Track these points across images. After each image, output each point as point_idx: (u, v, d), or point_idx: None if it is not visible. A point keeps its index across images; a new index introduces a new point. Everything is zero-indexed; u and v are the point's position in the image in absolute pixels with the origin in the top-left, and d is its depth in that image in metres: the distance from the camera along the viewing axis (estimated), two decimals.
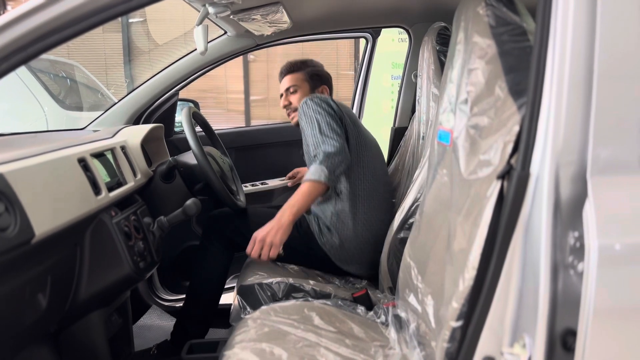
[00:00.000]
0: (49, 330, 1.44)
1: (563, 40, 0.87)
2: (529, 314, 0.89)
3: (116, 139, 1.78)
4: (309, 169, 1.75)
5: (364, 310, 1.58)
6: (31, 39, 0.94)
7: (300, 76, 2.20)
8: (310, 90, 2.19)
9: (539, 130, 0.88)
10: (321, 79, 2.23)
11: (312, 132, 1.82)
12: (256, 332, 1.36)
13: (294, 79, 2.20)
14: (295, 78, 2.20)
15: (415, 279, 1.37)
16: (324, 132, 1.80)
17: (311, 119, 1.85)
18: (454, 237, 1.09)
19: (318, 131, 1.81)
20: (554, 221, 0.86)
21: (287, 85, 2.20)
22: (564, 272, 0.86)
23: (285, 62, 2.27)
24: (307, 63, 2.25)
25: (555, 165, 0.86)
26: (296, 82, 2.19)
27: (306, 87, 2.19)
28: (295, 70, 2.21)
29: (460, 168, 1.10)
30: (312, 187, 1.70)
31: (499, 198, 0.95)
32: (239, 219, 2.02)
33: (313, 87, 2.20)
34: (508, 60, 1.06)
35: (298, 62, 2.25)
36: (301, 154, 2.20)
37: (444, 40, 1.83)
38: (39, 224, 1.11)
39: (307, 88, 2.19)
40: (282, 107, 2.23)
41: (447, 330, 1.03)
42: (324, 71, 2.28)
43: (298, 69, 2.22)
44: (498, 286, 0.92)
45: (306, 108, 1.89)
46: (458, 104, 1.14)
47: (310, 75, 2.20)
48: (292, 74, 2.21)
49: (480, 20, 1.10)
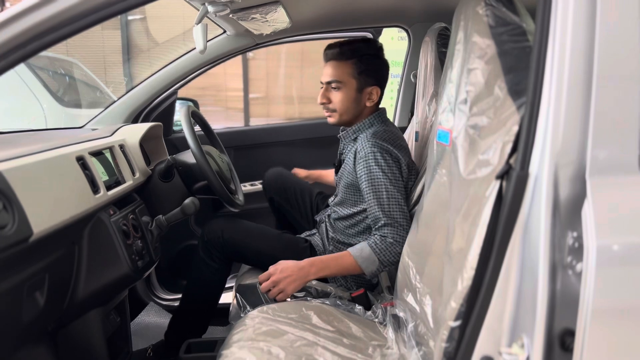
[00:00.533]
0: (47, 329, 1.43)
1: (562, 40, 0.87)
2: (527, 314, 0.88)
3: (115, 137, 1.78)
4: (369, 243, 1.63)
5: (362, 310, 1.58)
6: (29, 36, 0.94)
7: (348, 69, 1.77)
8: (357, 90, 1.79)
9: (538, 130, 0.88)
10: (375, 75, 1.81)
11: (375, 193, 1.66)
12: (254, 331, 1.35)
13: (339, 71, 1.78)
14: (342, 71, 1.78)
15: (414, 279, 1.37)
16: (391, 197, 1.65)
17: (377, 178, 1.67)
18: (453, 237, 1.09)
19: (384, 196, 1.65)
20: (553, 221, 0.86)
21: (329, 77, 1.80)
22: (563, 272, 0.85)
23: (329, 43, 1.84)
24: (360, 49, 1.78)
25: (554, 165, 0.86)
26: (341, 77, 1.78)
27: (352, 86, 1.79)
28: (344, 59, 1.78)
29: (460, 168, 1.09)
30: (353, 268, 1.64)
31: (497, 198, 0.94)
32: (242, 236, 1.91)
33: (361, 87, 1.79)
34: (507, 60, 1.06)
35: (349, 44, 1.79)
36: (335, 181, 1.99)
37: (444, 40, 1.83)
38: (37, 222, 1.11)
39: (353, 87, 1.79)
40: (319, 103, 1.84)
41: (446, 330, 1.03)
42: (379, 62, 1.83)
43: (348, 56, 1.77)
44: (496, 286, 0.92)
45: (373, 163, 1.67)
46: (457, 103, 1.14)
47: (360, 71, 1.77)
48: (338, 63, 1.78)
49: (479, 20, 1.10)
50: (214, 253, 1.91)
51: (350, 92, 1.79)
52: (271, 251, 1.85)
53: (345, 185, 1.82)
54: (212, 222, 1.96)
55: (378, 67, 1.82)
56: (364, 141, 1.72)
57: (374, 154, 1.68)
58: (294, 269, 1.61)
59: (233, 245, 1.90)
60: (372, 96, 1.82)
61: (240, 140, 2.86)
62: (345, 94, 1.79)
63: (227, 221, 1.96)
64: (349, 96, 1.79)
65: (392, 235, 1.63)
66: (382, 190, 1.66)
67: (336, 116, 1.83)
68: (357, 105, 1.81)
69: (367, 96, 1.81)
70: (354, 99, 1.80)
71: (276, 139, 2.95)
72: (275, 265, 1.64)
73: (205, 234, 1.92)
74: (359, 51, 1.77)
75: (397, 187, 1.67)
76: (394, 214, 1.65)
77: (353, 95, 1.80)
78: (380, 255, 1.62)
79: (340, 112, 1.81)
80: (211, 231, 1.92)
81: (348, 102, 1.80)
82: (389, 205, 1.65)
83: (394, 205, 1.66)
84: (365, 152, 1.70)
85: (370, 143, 1.70)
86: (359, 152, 1.73)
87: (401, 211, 1.66)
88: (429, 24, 1.96)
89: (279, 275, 1.60)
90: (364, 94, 1.81)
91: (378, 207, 1.66)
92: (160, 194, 1.93)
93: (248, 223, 1.99)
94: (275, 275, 1.61)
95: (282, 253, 1.83)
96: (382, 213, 1.65)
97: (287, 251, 1.86)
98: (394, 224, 1.64)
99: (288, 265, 1.62)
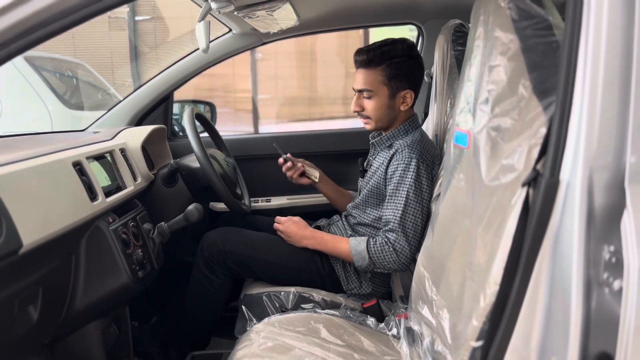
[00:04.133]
0: (43, 342, 1.37)
1: (597, 34, 0.78)
2: (558, 335, 0.81)
3: (115, 141, 1.72)
4: (369, 242, 1.63)
5: (375, 322, 1.51)
6: (13, 34, 0.87)
7: (377, 77, 1.70)
8: (389, 97, 1.72)
9: (569, 132, 0.80)
10: (407, 78, 1.72)
11: (397, 198, 1.63)
12: (259, 347, 1.28)
13: (369, 80, 1.71)
14: (372, 79, 1.71)
15: (430, 291, 1.29)
16: (409, 208, 1.61)
17: (404, 185, 1.63)
18: (474, 249, 1.01)
19: (403, 203, 1.61)
20: (587, 233, 0.78)
21: (360, 85, 1.73)
22: (598, 290, 0.77)
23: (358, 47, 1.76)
24: (389, 52, 1.69)
25: (589, 170, 0.78)
26: (372, 85, 1.71)
27: (384, 93, 1.71)
28: (373, 66, 1.70)
29: (481, 173, 1.01)
30: (346, 256, 1.69)
31: (524, 207, 0.87)
32: (245, 247, 1.81)
33: (393, 92, 1.71)
34: (532, 57, 0.97)
35: (377, 50, 1.69)
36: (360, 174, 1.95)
37: (460, 38, 1.75)
38: (27, 233, 1.04)
39: (385, 94, 1.71)
40: (353, 111, 1.79)
41: (467, 350, 0.95)
42: (410, 64, 1.73)
43: (377, 63, 1.69)
44: (523, 304, 0.85)
45: (410, 169, 1.64)
46: (478, 104, 1.06)
47: (391, 76, 1.69)
48: (367, 71, 1.71)
49: (501, 14, 1.02)
50: (216, 267, 1.80)
51: (382, 99, 1.72)
52: (278, 259, 1.77)
53: (371, 190, 1.78)
54: (210, 233, 1.85)
55: (409, 69, 1.73)
56: (404, 148, 1.68)
57: (410, 159, 1.65)
58: (297, 236, 1.78)
59: (236, 257, 1.79)
60: (406, 100, 1.75)
61: (245, 150, 2.49)
62: (377, 102, 1.72)
63: (226, 232, 1.85)
64: (382, 103, 1.73)
65: (395, 244, 1.59)
66: (404, 197, 1.62)
67: (372, 123, 1.77)
68: (392, 111, 1.76)
69: (401, 100, 1.74)
70: (387, 105, 1.74)
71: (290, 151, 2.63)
72: (286, 223, 1.82)
73: (205, 248, 1.81)
74: (387, 55, 1.69)
75: (421, 202, 1.63)
76: (406, 224, 1.60)
77: (386, 102, 1.73)
78: (374, 256, 1.62)
79: (375, 120, 1.76)
80: (211, 244, 1.81)
81: (382, 109, 1.74)
82: (404, 215, 1.61)
83: (410, 217, 1.61)
84: (403, 158, 1.66)
85: (409, 149, 1.67)
86: (396, 157, 1.69)
87: (414, 226, 1.61)
88: (443, 21, 1.87)
89: (284, 231, 1.81)
90: (397, 98, 1.74)
91: (393, 212, 1.62)
92: (163, 200, 1.86)
93: (248, 232, 1.88)
94: (282, 228, 1.81)
95: (289, 260, 1.77)
96: (394, 218, 1.61)
97: (294, 257, 1.78)
98: (401, 233, 1.60)
99: (292, 230, 1.79)
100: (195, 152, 1.75)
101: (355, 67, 1.77)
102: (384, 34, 1.90)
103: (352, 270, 1.76)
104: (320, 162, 2.17)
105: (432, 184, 1.66)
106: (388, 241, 1.60)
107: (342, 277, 1.77)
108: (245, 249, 1.79)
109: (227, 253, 1.78)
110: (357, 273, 1.76)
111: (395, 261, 1.59)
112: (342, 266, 1.77)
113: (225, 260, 1.79)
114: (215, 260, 1.80)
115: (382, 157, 1.78)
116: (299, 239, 1.77)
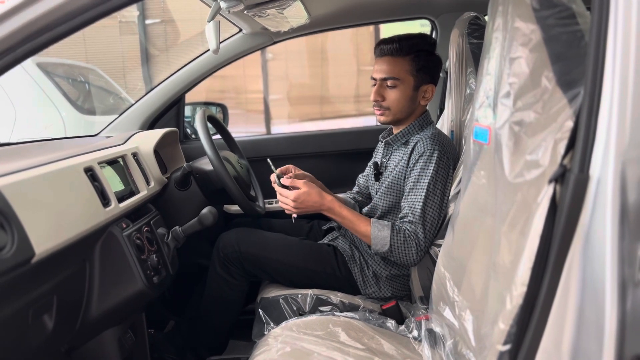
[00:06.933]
0: (60, 350, 1.35)
1: (626, 20, 0.74)
2: (591, 338, 0.77)
3: (127, 145, 1.70)
4: (393, 230, 1.57)
5: (394, 324, 1.47)
6: (20, 38, 0.84)
7: (406, 65, 1.66)
8: (413, 89, 1.69)
9: (599, 125, 0.76)
10: (431, 72, 1.71)
11: (418, 190, 1.59)
12: (277, 352, 1.25)
13: (396, 68, 1.66)
14: (399, 68, 1.66)
15: (451, 291, 1.25)
16: (430, 200, 1.57)
17: (427, 176, 1.60)
18: (498, 249, 0.97)
19: (424, 195, 1.58)
20: (621, 231, 0.74)
21: (384, 73, 1.68)
22: (634, 291, 0.73)
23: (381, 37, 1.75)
24: (418, 44, 1.68)
25: (621, 165, 0.74)
26: (399, 73, 1.66)
27: (410, 84, 1.68)
28: (402, 54, 1.66)
29: (504, 170, 0.97)
30: (363, 236, 1.63)
31: (551, 205, 0.83)
32: (260, 248, 1.77)
33: (418, 84, 1.69)
34: (555, 47, 0.93)
35: (407, 39, 1.67)
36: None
37: (475, 31, 1.70)
38: (39, 241, 1.02)
39: (410, 85, 1.68)
40: (372, 100, 1.72)
41: (493, 354, 0.92)
42: (434, 59, 1.73)
43: (406, 52, 1.66)
44: (553, 305, 0.81)
45: (433, 161, 1.61)
46: (499, 98, 1.01)
47: (419, 67, 1.67)
48: (395, 59, 1.67)
49: (522, 3, 0.98)
50: (232, 268, 1.78)
51: (407, 90, 1.69)
52: (293, 261, 1.74)
53: (389, 187, 1.73)
54: (225, 234, 1.83)
55: (434, 64, 1.73)
56: (425, 139, 1.65)
57: (433, 151, 1.62)
58: (315, 206, 1.62)
59: (251, 258, 1.76)
60: (427, 94, 1.72)
61: (258, 151, 2.48)
62: (401, 92, 1.68)
63: (241, 233, 1.83)
64: (406, 94, 1.69)
65: (416, 236, 1.56)
66: (424, 190, 1.58)
67: (389, 115, 1.72)
68: (412, 104, 1.72)
69: (422, 94, 1.72)
70: (410, 97, 1.70)
71: (300, 151, 2.54)
72: (305, 190, 1.60)
73: (221, 249, 1.79)
74: (416, 47, 1.67)
75: (441, 196, 1.60)
76: (426, 218, 1.57)
77: (410, 93, 1.70)
78: (395, 245, 1.56)
79: (395, 111, 1.71)
80: (226, 244, 1.78)
81: (404, 100, 1.70)
82: (424, 207, 1.57)
83: (429, 211, 1.58)
84: (425, 149, 1.63)
85: (431, 141, 1.64)
86: (417, 150, 1.65)
87: (432, 220, 1.58)
88: (457, 14, 1.83)
89: (299, 200, 1.61)
90: (420, 92, 1.71)
91: (413, 204, 1.59)
92: (176, 204, 1.84)
93: (263, 233, 1.86)
94: (297, 199, 1.60)
95: (305, 262, 1.73)
96: (414, 210, 1.58)
97: (310, 259, 1.75)
98: (420, 226, 1.56)
99: (306, 206, 1.61)
100: (208, 155, 1.73)
101: (378, 56, 1.73)
102: (395, 30, 1.86)
103: (370, 274, 1.72)
104: (333, 161, 2.14)
105: (451, 179, 1.63)
106: (411, 234, 1.56)
107: (360, 281, 1.73)
108: (260, 250, 1.77)
109: (243, 254, 1.76)
110: (375, 277, 1.73)
111: (413, 254, 1.55)
112: (360, 269, 1.73)
113: (240, 261, 1.76)
114: (231, 261, 1.77)
115: (399, 155, 1.74)
116: (314, 211, 1.64)
